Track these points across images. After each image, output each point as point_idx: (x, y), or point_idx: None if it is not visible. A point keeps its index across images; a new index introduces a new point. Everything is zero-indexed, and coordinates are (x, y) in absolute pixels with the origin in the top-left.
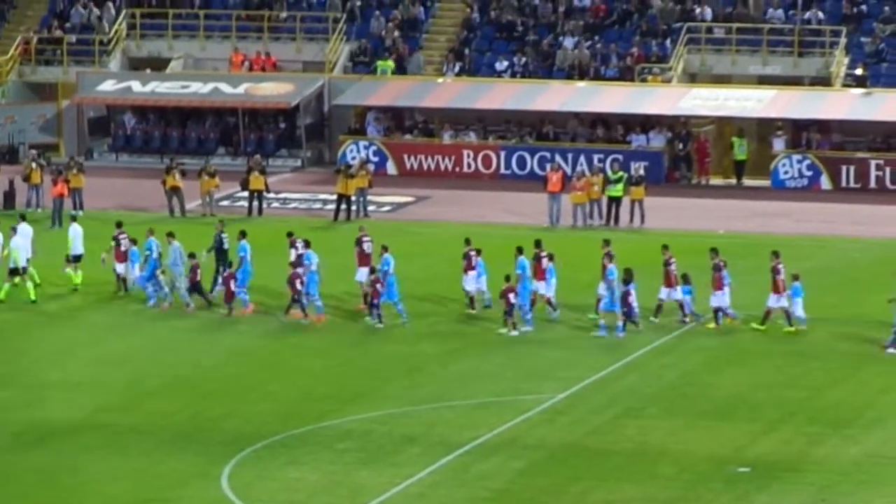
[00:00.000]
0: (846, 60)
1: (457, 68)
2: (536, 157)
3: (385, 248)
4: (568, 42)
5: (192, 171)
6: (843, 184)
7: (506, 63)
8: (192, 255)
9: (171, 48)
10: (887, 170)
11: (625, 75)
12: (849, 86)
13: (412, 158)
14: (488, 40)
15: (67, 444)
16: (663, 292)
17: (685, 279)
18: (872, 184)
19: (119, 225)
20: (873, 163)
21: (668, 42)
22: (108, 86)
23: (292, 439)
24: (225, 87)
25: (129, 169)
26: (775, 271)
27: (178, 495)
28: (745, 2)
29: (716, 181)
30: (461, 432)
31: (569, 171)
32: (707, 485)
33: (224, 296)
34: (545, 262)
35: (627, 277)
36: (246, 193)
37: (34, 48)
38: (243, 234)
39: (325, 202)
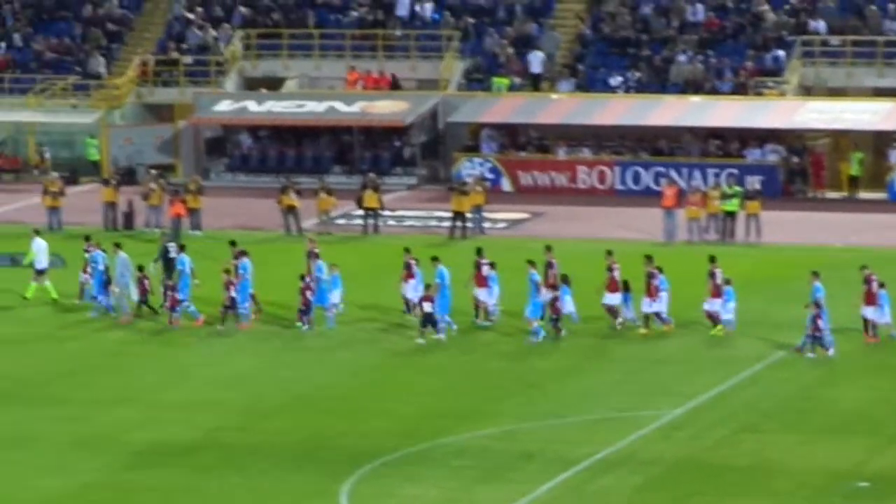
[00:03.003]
0: None
1: (571, 84)
2: (651, 172)
3: (322, 258)
4: (681, 57)
5: (307, 190)
6: None
7: (620, 78)
8: (140, 268)
9: (287, 67)
10: None
11: (739, 89)
12: None
13: (527, 175)
14: (602, 56)
15: (186, 464)
16: (607, 297)
17: (626, 286)
18: None
19: (87, 238)
20: None
21: (782, 55)
22: (225, 106)
23: (410, 456)
24: (340, 106)
25: (245, 188)
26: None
27: None
28: (860, 13)
29: (832, 194)
30: (579, 448)
31: (684, 185)
32: (826, 500)
33: (168, 306)
34: (486, 269)
35: (556, 283)
36: (361, 211)
37: (151, 70)
38: (182, 248)
39: (440, 219)
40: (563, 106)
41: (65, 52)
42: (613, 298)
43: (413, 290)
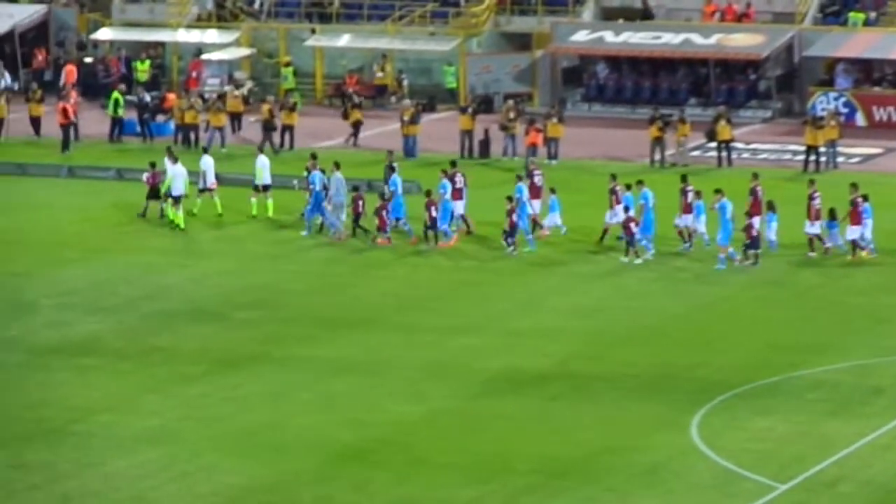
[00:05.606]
0: None
1: None
2: None
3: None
4: None
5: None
6: None
7: None
8: (355, 188)
9: None
10: None
11: None
12: None
13: (881, 110)
14: None
15: (537, 392)
16: (808, 226)
17: (831, 214)
18: None
19: (314, 157)
20: None
21: None
22: (582, 36)
23: (761, 389)
24: (696, 38)
25: (600, 118)
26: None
27: (646, 443)
28: None
29: None
30: None
31: None
32: None
33: (377, 226)
34: (691, 196)
35: (758, 211)
36: (714, 144)
37: None
38: (393, 170)
39: (794, 153)
40: None
41: None
42: (814, 227)
43: (616, 216)
